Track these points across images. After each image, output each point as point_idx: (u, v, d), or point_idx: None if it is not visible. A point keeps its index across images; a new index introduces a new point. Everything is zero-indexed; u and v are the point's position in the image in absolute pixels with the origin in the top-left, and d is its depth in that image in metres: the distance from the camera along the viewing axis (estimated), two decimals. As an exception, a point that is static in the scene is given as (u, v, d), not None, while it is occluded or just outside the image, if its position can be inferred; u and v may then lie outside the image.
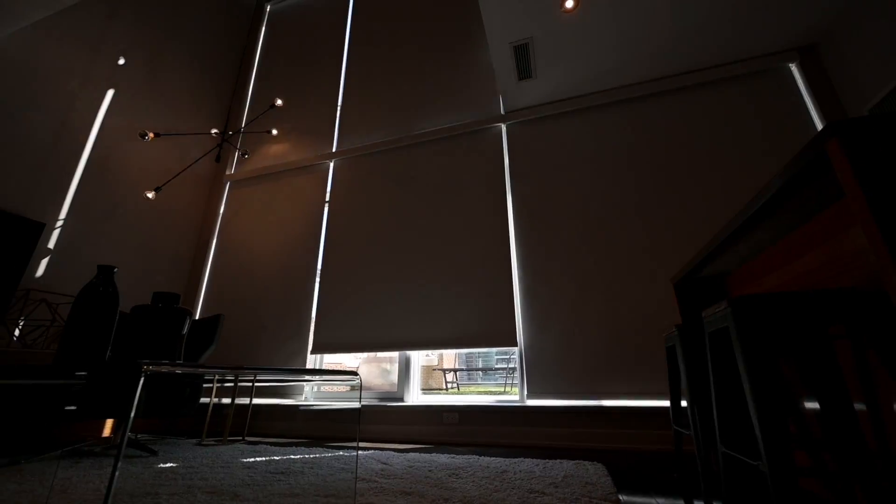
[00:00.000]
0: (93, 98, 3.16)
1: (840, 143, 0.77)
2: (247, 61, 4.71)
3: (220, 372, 0.93)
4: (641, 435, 2.18)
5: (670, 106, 2.80)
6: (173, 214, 3.72)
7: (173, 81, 3.88)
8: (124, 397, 2.05)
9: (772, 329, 0.92)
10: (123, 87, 3.41)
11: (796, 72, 2.57)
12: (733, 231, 1.25)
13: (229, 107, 4.48)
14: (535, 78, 2.85)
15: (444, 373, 6.17)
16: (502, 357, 12.16)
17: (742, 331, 0.93)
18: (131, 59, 3.51)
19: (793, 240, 1.30)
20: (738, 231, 1.25)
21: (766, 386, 0.88)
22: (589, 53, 2.68)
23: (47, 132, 2.84)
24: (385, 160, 3.46)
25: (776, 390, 0.86)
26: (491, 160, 3.09)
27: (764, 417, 0.86)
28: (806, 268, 1.25)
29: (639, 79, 2.87)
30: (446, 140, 3.30)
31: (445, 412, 2.56)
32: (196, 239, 3.89)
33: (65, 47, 3.02)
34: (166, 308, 1.17)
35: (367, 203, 3.36)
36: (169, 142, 3.74)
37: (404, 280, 3.00)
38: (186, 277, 3.74)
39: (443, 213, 3.07)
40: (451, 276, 2.88)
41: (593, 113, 2.98)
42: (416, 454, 2.09)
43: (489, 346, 2.63)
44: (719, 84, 2.74)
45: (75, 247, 2.92)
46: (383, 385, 4.88)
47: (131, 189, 3.37)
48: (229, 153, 4.23)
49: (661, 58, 2.70)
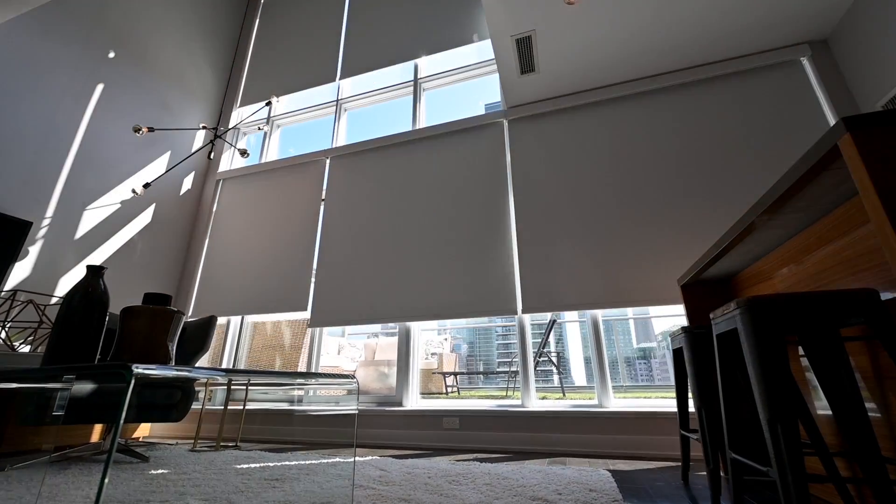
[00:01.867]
0: (82, 92, 3.16)
1: (853, 139, 0.77)
2: (241, 54, 4.71)
3: (212, 375, 0.93)
4: (648, 440, 2.18)
5: (678, 101, 2.80)
6: (165, 212, 3.72)
7: (165, 76, 3.88)
8: (114, 401, 2.05)
9: (782, 331, 0.92)
10: (113, 82, 3.41)
11: (808, 66, 2.57)
12: (742, 230, 1.25)
13: (222, 102, 4.48)
14: (538, 72, 2.85)
15: (444, 376, 6.18)
16: (504, 360, 12.17)
17: (751, 332, 0.93)
18: (121, 53, 3.51)
19: (803, 239, 1.31)
20: (747, 230, 1.25)
21: (776, 389, 0.88)
22: (594, 47, 2.68)
23: (34, 127, 2.84)
24: (384, 154, 3.46)
25: (786, 394, 0.86)
26: (492, 155, 3.09)
27: (774, 422, 0.86)
28: (816, 268, 1.25)
29: (645, 73, 2.87)
30: (447, 136, 3.30)
31: (445, 417, 2.56)
32: (188, 238, 3.89)
33: (53, 41, 3.02)
34: (159, 309, 1.17)
35: (365, 195, 3.35)
36: (160, 138, 3.74)
37: (404, 258, 3.05)
38: (178, 277, 3.75)
39: (443, 196, 3.07)
40: (451, 253, 2.94)
41: (599, 108, 2.97)
42: (416, 460, 2.09)
43: (490, 315, 2.76)
44: (728, 79, 2.73)
45: (63, 246, 2.92)
46: (381, 389, 4.89)
47: (122, 186, 3.37)
48: (222, 149, 4.23)
49: (668, 52, 2.70)
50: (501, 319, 5.61)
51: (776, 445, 0.85)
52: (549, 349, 5.23)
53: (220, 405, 3.16)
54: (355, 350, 6.53)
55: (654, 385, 14.18)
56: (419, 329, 3.06)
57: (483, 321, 6.08)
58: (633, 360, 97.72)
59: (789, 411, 0.85)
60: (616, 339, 9.52)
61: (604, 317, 2.65)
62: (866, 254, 1.06)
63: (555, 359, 5.42)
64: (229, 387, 2.92)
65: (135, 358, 1.11)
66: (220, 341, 3.52)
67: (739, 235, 1.29)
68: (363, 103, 4.03)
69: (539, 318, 5.12)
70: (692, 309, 1.94)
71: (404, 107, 3.75)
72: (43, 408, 1.98)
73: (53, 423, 2.03)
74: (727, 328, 1.07)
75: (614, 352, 7.90)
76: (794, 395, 1.21)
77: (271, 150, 4.21)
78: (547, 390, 6.62)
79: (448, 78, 3.70)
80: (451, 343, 6.92)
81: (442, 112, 3.62)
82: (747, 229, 1.24)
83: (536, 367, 4.23)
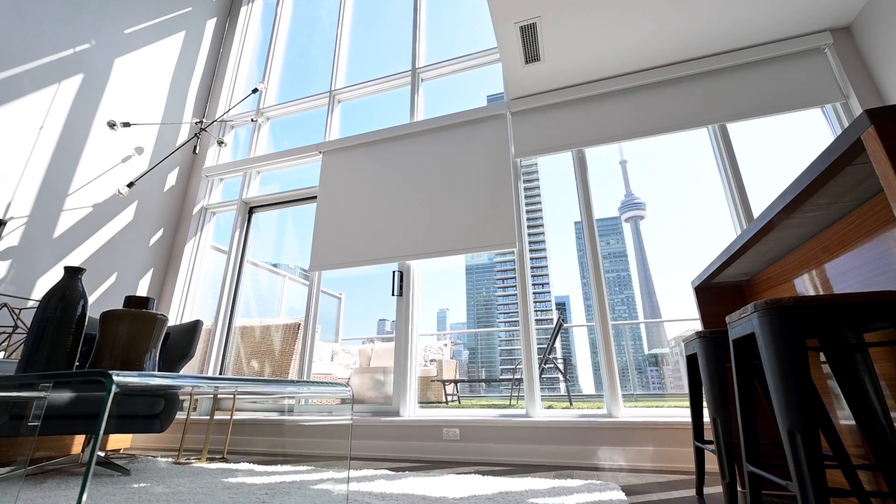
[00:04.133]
0: (59, 84, 3.16)
1: (878, 132, 0.77)
2: (227, 43, 4.71)
3: (197, 383, 0.93)
4: (660, 452, 2.18)
5: (692, 92, 2.80)
6: (147, 210, 3.71)
7: (147, 66, 3.87)
8: (93, 411, 2.05)
9: (802, 335, 0.92)
10: (92, 72, 3.40)
11: (829, 55, 2.57)
12: (760, 229, 1.25)
13: (208, 93, 4.48)
14: (543, 61, 2.85)
15: (444, 384, 6.17)
16: (507, 367, 12.18)
17: (770, 337, 0.93)
18: (101, 40, 3.50)
19: (824, 239, 1.31)
20: (765, 229, 1.25)
21: (797, 397, 0.87)
22: (604, 34, 2.68)
23: (6, 121, 2.84)
24: (379, 148, 3.46)
25: (807, 402, 0.86)
26: (494, 151, 3.09)
27: (794, 432, 0.86)
28: (838, 269, 1.25)
29: (659, 62, 2.87)
30: (447, 129, 3.31)
31: (445, 427, 2.56)
32: (172, 237, 3.89)
33: (28, 28, 3.02)
34: (141, 313, 1.17)
35: (361, 184, 3.35)
36: (143, 132, 3.74)
37: (403, 201, 3.14)
38: (162, 279, 3.74)
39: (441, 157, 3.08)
40: (448, 193, 3.03)
41: (609, 99, 2.97)
42: (413, 473, 2.09)
43: (490, 250, 2.88)
44: (746, 69, 2.73)
45: (39, 247, 2.92)
46: (377, 398, 4.89)
47: (102, 182, 3.37)
48: (209, 144, 4.23)
49: (680, 41, 2.69)
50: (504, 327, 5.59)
51: (796, 457, 0.85)
52: (556, 355, 5.23)
53: (206, 415, 3.16)
54: (350, 356, 6.53)
55: (667, 393, 14.20)
56: (417, 334, 3.06)
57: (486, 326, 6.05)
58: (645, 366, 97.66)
59: (810, 421, 0.85)
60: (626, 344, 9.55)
61: (613, 322, 2.65)
62: (892, 254, 1.06)
63: (561, 365, 5.42)
64: (216, 395, 2.91)
65: (115, 365, 1.11)
66: (206, 347, 3.52)
67: (757, 235, 1.29)
68: (358, 94, 4.03)
69: (545, 323, 5.11)
70: (706, 313, 1.94)
71: (402, 98, 3.75)
72: (18, 418, 1.97)
73: (29, 434, 2.02)
74: (744, 333, 1.06)
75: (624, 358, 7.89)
76: (816, 404, 1.20)
77: (261, 144, 4.21)
78: (553, 399, 6.62)
79: (448, 67, 3.71)
80: (452, 349, 6.92)
81: (442, 104, 3.62)
82: (765, 228, 1.24)
83: (542, 373, 4.23)
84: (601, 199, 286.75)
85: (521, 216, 2.97)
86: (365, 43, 4.09)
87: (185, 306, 3.67)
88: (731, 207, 2.63)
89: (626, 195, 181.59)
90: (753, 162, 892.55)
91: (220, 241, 4.03)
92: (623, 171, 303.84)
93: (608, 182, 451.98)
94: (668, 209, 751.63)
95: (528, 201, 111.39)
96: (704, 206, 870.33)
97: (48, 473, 2.11)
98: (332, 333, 7.15)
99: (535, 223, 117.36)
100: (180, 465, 2.35)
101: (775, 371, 0.91)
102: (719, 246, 14.47)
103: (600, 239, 2.82)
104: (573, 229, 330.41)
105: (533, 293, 2.90)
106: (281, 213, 3.93)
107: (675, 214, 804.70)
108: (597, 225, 2.89)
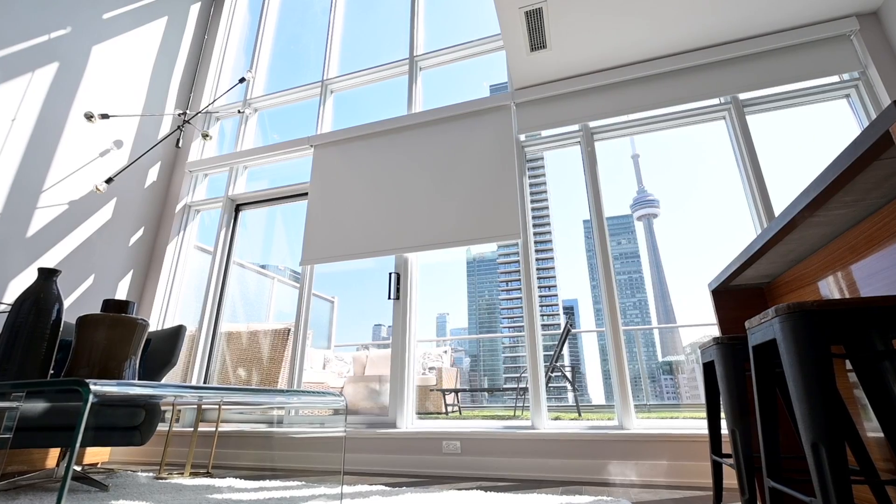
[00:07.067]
0: (32, 73, 3.16)
1: (907, 125, 0.76)
2: (212, 30, 4.72)
3: (180, 393, 0.93)
4: (675, 467, 2.18)
5: (706, 82, 2.80)
6: (127, 208, 3.71)
7: (127, 54, 3.88)
8: (69, 422, 2.05)
9: (827, 342, 0.91)
10: (68, 60, 3.41)
11: (856, 43, 2.58)
12: (782, 227, 1.24)
13: (192, 83, 4.49)
14: (550, 49, 2.85)
15: (444, 394, 6.17)
16: (512, 376, 12.18)
17: (793, 344, 0.93)
18: (78, 26, 3.51)
19: (849, 239, 1.30)
20: (787, 227, 1.25)
21: (821, 408, 0.87)
22: (617, 19, 2.68)
23: (-21, 112, 2.84)
24: (378, 138, 3.46)
25: (832, 413, 0.86)
26: (498, 143, 3.10)
27: (817, 445, 0.86)
28: (865, 271, 1.25)
29: (675, 49, 2.87)
30: (447, 120, 3.31)
31: (445, 440, 2.56)
32: (154, 237, 3.90)
33: (0, 13, 3.02)
34: (120, 318, 1.17)
35: (355, 178, 3.36)
36: (122, 124, 3.74)
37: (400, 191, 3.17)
38: (142, 282, 3.75)
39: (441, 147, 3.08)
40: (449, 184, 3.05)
41: (621, 89, 2.97)
42: (411, 489, 2.09)
43: (493, 241, 2.91)
44: (767, 57, 2.73)
45: (11, 247, 2.92)
46: (372, 408, 4.89)
47: (78, 178, 3.37)
48: (192, 137, 4.24)
49: (703, 25, 2.70)
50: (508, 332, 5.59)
51: (820, 472, 0.85)
52: (563, 363, 5.23)
53: (190, 427, 3.16)
54: (343, 364, 6.53)
55: (682, 404, 14.20)
56: (416, 340, 3.06)
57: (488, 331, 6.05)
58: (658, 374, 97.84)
59: (835, 433, 0.85)
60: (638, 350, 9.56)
61: (624, 327, 2.65)
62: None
63: (569, 373, 5.42)
64: (200, 406, 2.91)
65: (93, 373, 1.11)
66: (189, 354, 3.52)
67: (778, 234, 1.29)
68: (352, 84, 4.04)
69: (552, 329, 5.11)
70: (724, 318, 1.94)
71: (399, 88, 3.76)
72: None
73: (0, 447, 2.02)
74: (765, 339, 1.06)
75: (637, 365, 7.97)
76: (841, 415, 1.20)
77: (248, 137, 4.21)
78: (560, 410, 6.62)
79: (448, 55, 3.71)
80: (452, 356, 6.92)
81: (442, 94, 3.62)
82: (787, 227, 1.24)
83: (548, 382, 4.23)
84: (612, 197, 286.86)
85: (526, 206, 2.97)
86: (359, 29, 4.11)
87: (167, 310, 3.67)
88: (750, 205, 2.63)
89: (638, 192, 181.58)
90: (774, 157, 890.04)
91: (205, 240, 4.03)
92: (635, 165, 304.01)
93: (619, 178, 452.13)
94: (683, 207, 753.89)
95: (534, 198, 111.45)
96: (722, 204, 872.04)
97: (21, 489, 2.11)
98: (325, 339, 7.14)
99: (542, 221, 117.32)
100: (162, 481, 2.35)
101: (798, 380, 0.91)
102: (738, 246, 14.50)
103: (611, 238, 2.82)
104: (581, 228, 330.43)
105: (539, 296, 2.91)
106: (270, 210, 3.93)
107: (691, 212, 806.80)
108: (607, 223, 2.89)
